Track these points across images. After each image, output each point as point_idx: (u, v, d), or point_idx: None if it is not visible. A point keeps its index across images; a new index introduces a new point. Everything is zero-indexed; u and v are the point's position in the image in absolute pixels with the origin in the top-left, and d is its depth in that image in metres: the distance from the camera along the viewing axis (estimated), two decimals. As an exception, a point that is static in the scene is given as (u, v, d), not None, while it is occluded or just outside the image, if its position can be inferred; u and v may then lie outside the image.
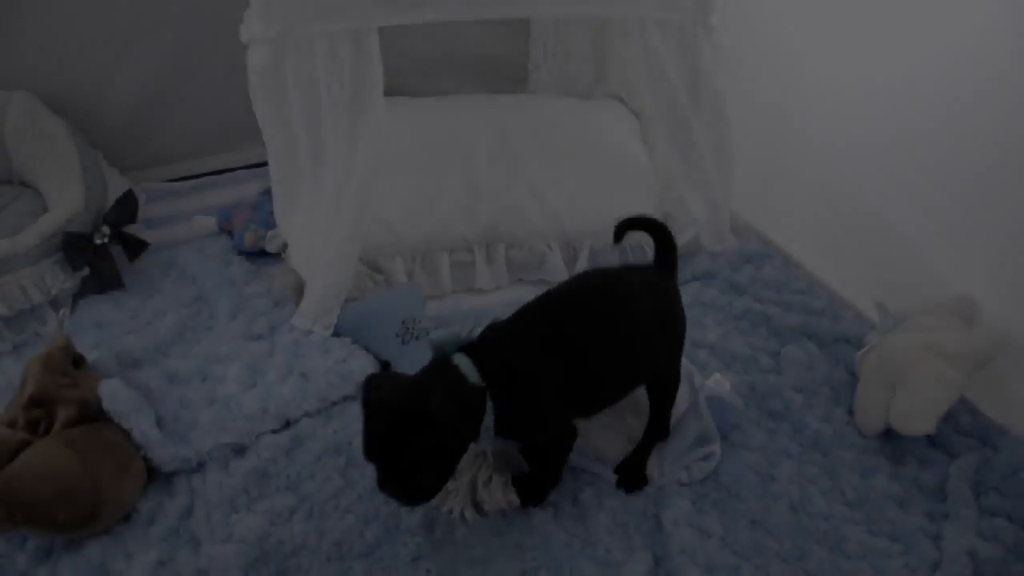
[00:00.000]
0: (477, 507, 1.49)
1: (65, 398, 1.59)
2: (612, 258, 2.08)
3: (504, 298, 2.02)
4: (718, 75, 1.96)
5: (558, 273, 2.06)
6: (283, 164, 1.87)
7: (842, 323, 1.87)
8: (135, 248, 2.09)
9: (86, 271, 2.00)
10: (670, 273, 1.57)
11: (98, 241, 2.01)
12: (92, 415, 1.61)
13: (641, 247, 2.08)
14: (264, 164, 2.01)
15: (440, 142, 2.16)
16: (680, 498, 1.50)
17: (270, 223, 2.15)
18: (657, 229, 1.54)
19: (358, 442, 1.58)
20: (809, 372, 1.78)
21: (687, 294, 1.99)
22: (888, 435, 1.63)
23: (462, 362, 1.31)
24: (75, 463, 1.47)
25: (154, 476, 1.58)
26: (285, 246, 2.08)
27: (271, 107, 1.78)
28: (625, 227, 1.51)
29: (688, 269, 2.07)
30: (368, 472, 1.53)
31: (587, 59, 2.60)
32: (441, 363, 1.32)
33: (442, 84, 2.69)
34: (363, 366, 1.74)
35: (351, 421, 1.65)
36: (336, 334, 1.84)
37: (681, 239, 2.07)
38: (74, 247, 1.96)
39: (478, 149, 2.14)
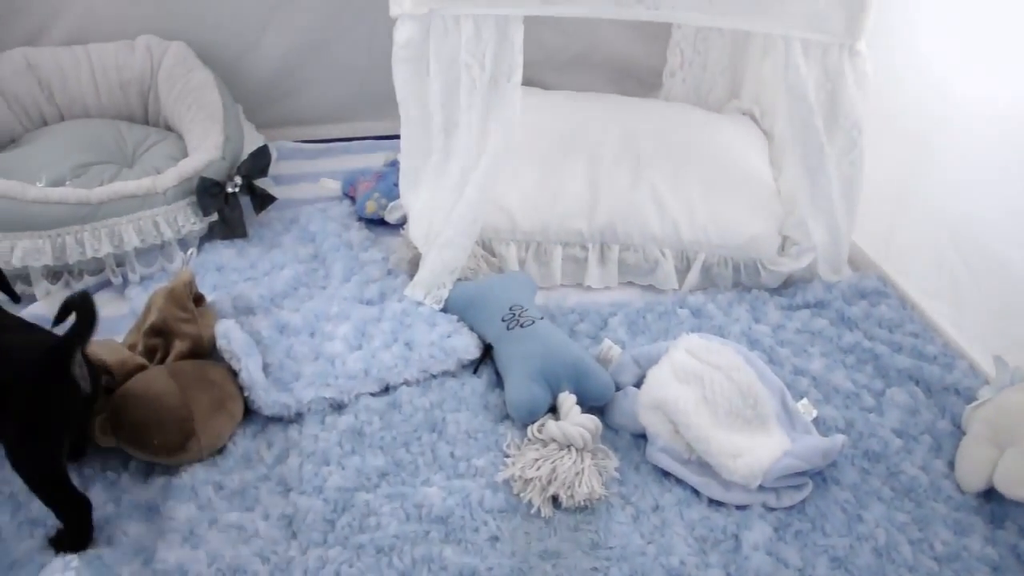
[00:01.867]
0: (555, 500, 1.50)
1: (182, 331, 1.67)
2: (725, 273, 2.07)
3: (611, 298, 2.03)
4: (858, 102, 1.91)
5: (668, 281, 2.05)
6: (414, 139, 1.91)
7: (954, 372, 1.81)
8: (263, 201, 2.17)
9: (215, 217, 2.09)
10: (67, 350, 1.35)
11: (230, 190, 2.09)
12: (203, 352, 1.70)
13: (755, 265, 2.05)
14: (393, 136, 2.06)
15: (568, 137, 2.17)
16: (763, 522, 1.49)
17: (392, 194, 2.20)
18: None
19: (452, 418, 1.63)
20: (912, 418, 1.73)
21: (796, 320, 1.96)
22: (989, 495, 1.57)
23: None
24: (175, 394, 1.55)
25: (251, 419, 1.64)
26: (404, 218, 2.12)
27: (411, 81, 1.82)
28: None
29: (800, 296, 2.04)
30: (458, 453, 1.57)
31: (723, 72, 2.57)
32: None
33: (574, 80, 2.70)
34: (466, 344, 1.77)
35: (448, 396, 1.68)
36: (444, 310, 1.87)
37: (798, 264, 2.04)
38: (207, 192, 2.04)
39: (605, 148, 2.15)
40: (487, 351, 1.77)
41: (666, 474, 1.58)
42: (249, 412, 1.64)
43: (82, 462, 1.55)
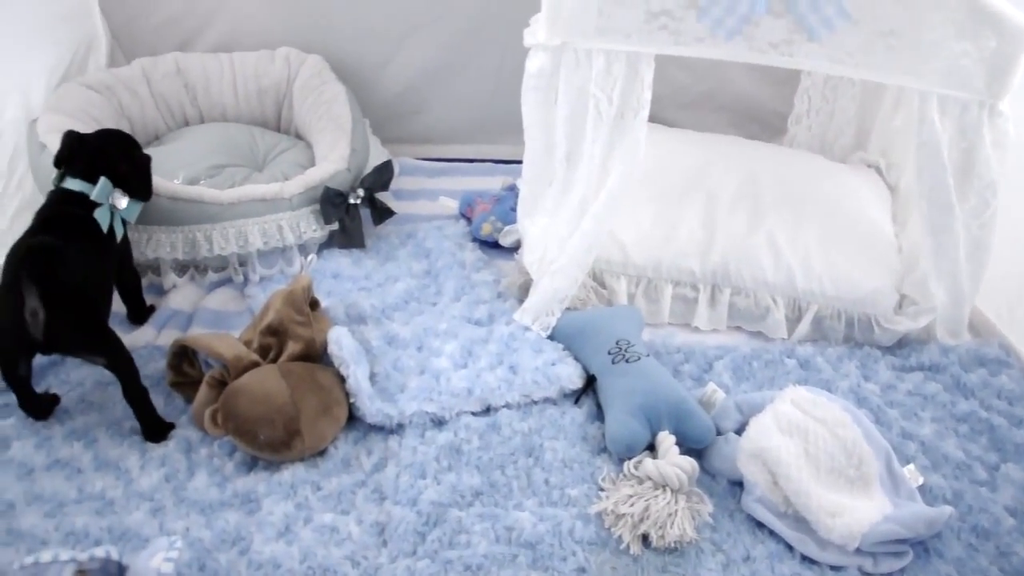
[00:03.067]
0: (645, 538, 1.49)
1: (296, 333, 1.73)
2: (837, 327, 2.02)
3: (718, 341, 2.01)
4: (995, 163, 1.85)
5: (778, 329, 2.02)
6: (536, 166, 1.93)
7: (1077, 454, 1.72)
8: (382, 214, 2.24)
9: (336, 225, 2.16)
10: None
11: (352, 201, 2.16)
12: (315, 355, 1.75)
13: (870, 321, 2.00)
14: (513, 161, 2.10)
15: (689, 176, 2.17)
16: (857, 588, 1.44)
17: (508, 218, 2.23)
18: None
19: (549, 445, 1.64)
20: (1029, 497, 1.65)
21: (908, 382, 1.90)
22: (1105, 587, 1.49)
23: None
24: (284, 393, 1.60)
25: (354, 426, 1.69)
26: (518, 243, 2.15)
27: (538, 110, 1.85)
28: None
29: (914, 357, 1.97)
30: (553, 480, 1.58)
31: (850, 122, 2.52)
32: None
33: (698, 119, 2.70)
34: (570, 373, 1.77)
35: (547, 423, 1.69)
36: (551, 337, 1.89)
37: (915, 324, 1.98)
38: (330, 202, 2.12)
39: (724, 190, 2.13)
40: (590, 382, 1.78)
41: (760, 525, 1.55)
42: (352, 418, 1.69)
43: (191, 447, 1.64)
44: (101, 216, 1.72)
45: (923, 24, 1.70)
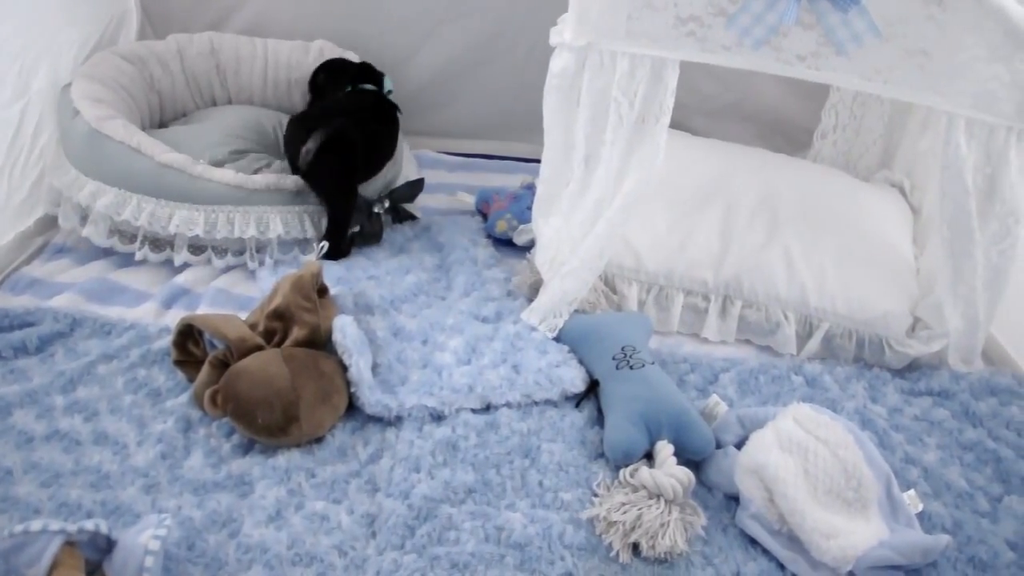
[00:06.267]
0: (635, 547, 1.48)
1: (302, 319, 1.73)
2: (847, 346, 2.00)
3: (726, 353, 1.99)
4: (1019, 190, 1.82)
5: (787, 345, 2.00)
6: (555, 166, 1.92)
7: (1085, 492, 1.69)
8: (403, 216, 2.26)
9: (356, 228, 2.17)
10: None
11: (376, 210, 2.18)
12: (319, 341, 1.75)
13: (881, 343, 1.98)
14: (533, 160, 2.09)
15: (708, 185, 2.15)
16: (849, 615, 1.42)
17: (524, 216, 2.23)
18: None
19: (547, 447, 1.63)
20: (1031, 530, 1.62)
21: (915, 407, 1.88)
22: (1104, 628, 1.46)
23: None
24: (285, 378, 1.60)
25: (353, 415, 1.69)
26: (532, 242, 2.14)
27: (559, 110, 1.84)
28: None
29: (923, 382, 1.94)
30: (547, 483, 1.56)
31: (877, 141, 2.49)
32: None
33: (723, 129, 2.68)
34: (573, 376, 1.76)
35: (546, 425, 1.68)
36: (557, 339, 1.88)
37: (927, 349, 1.95)
38: (357, 208, 2.14)
39: (743, 202, 2.11)
40: (593, 386, 1.77)
41: (753, 542, 1.53)
42: (352, 408, 1.69)
43: (190, 426, 1.64)
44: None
45: (955, 44, 1.67)
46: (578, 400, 1.76)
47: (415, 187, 2.29)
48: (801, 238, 2.06)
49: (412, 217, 2.27)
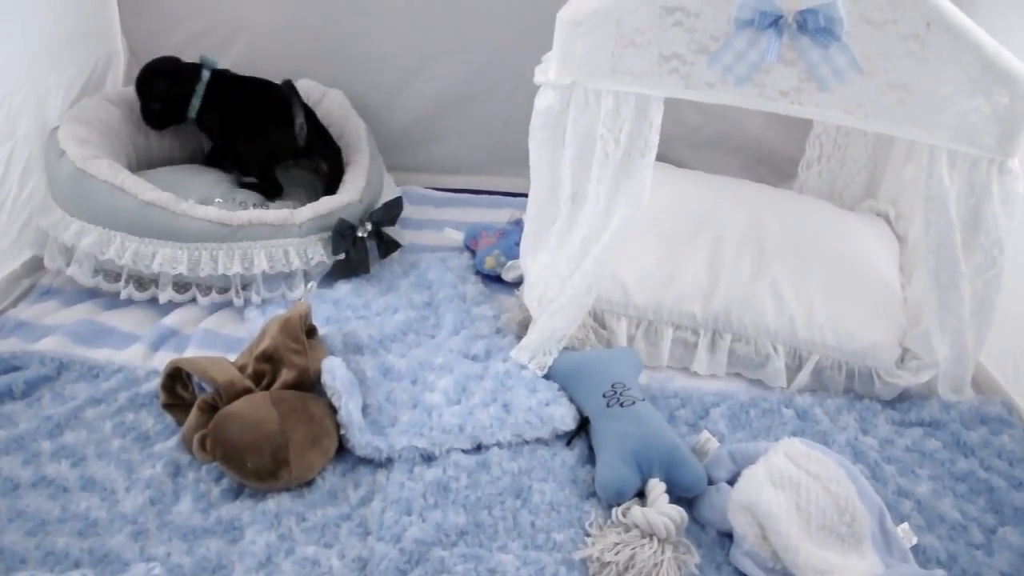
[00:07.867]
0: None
1: (291, 362, 1.72)
2: (837, 378, 2.00)
3: (716, 387, 1.99)
4: (1003, 220, 1.83)
5: (777, 378, 2.00)
6: (541, 204, 1.93)
7: (1078, 520, 1.69)
8: (388, 247, 2.24)
9: (342, 256, 2.17)
10: None
11: (360, 234, 2.17)
12: (308, 383, 1.74)
13: (871, 374, 1.98)
14: (521, 194, 2.09)
15: (694, 218, 2.16)
16: (845, 649, 1.41)
17: (512, 252, 2.23)
18: None
19: (538, 487, 1.62)
20: (1025, 562, 1.62)
21: (907, 438, 1.88)
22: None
23: None
24: (274, 422, 1.59)
25: (343, 457, 1.67)
26: (521, 279, 2.14)
27: (545, 148, 1.84)
28: None
29: (914, 412, 1.95)
30: (539, 523, 1.55)
31: (861, 170, 2.51)
32: None
33: (708, 160, 2.70)
34: (563, 415, 1.76)
35: (537, 464, 1.67)
36: (547, 376, 1.88)
37: (916, 379, 1.96)
38: (340, 233, 2.13)
39: (730, 234, 2.12)
40: (583, 424, 1.76)
41: (750, 577, 1.52)
42: (342, 450, 1.68)
43: (179, 471, 1.62)
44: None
45: (936, 78, 1.69)
46: (569, 438, 1.75)
47: (394, 207, 2.27)
48: (789, 270, 2.07)
49: (396, 245, 2.26)
